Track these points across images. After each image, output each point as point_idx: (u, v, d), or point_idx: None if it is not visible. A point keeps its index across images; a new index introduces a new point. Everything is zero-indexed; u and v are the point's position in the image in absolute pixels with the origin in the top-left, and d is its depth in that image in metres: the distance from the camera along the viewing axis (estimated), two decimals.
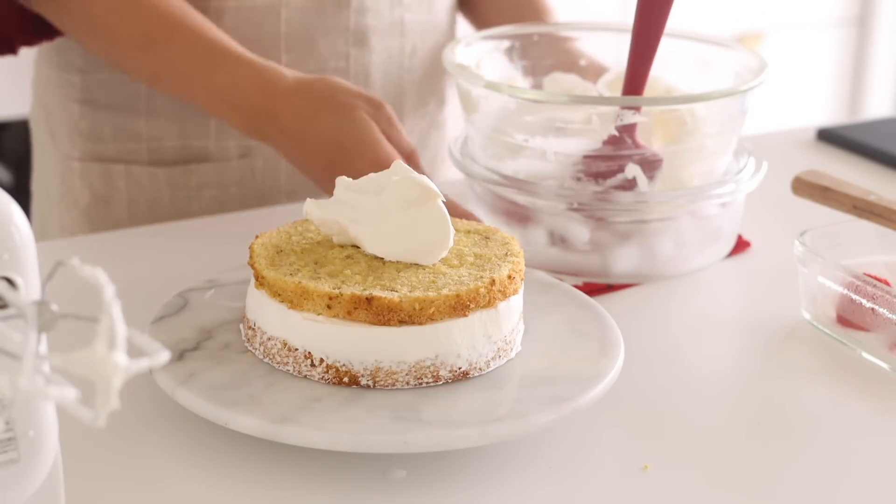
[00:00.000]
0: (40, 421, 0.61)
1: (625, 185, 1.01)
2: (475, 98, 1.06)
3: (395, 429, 0.75)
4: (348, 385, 0.79)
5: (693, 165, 1.02)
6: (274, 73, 1.06)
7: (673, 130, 1.03)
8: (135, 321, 0.69)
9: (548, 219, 1.02)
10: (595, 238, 1.01)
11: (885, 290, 0.90)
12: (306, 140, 1.05)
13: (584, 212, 1.01)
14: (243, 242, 0.95)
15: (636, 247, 1.02)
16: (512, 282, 0.83)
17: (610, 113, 1.00)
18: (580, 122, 1.02)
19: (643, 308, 0.99)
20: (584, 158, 1.01)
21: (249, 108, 1.06)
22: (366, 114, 1.05)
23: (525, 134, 1.03)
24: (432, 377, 0.80)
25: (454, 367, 0.80)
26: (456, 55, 1.08)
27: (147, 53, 1.08)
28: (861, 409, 0.87)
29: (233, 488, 0.75)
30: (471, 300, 0.80)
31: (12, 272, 0.58)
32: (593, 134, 1.01)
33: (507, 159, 1.05)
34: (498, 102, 1.05)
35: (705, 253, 1.05)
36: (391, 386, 0.79)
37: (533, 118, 1.03)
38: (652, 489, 0.76)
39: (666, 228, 1.02)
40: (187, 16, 1.08)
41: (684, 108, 1.02)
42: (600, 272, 1.02)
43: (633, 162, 1.00)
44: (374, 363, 0.79)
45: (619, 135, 1.00)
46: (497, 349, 0.82)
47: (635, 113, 1.00)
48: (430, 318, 0.79)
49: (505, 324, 0.83)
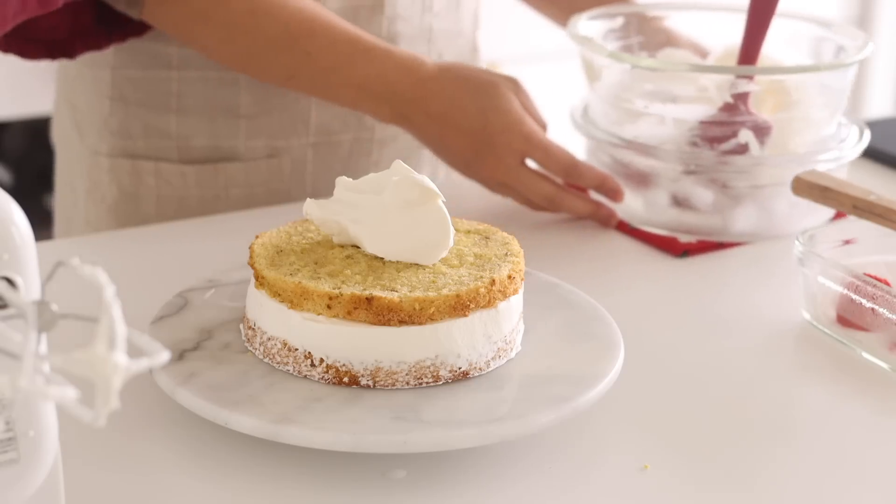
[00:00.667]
0: (40, 421, 0.61)
1: (737, 150, 1.10)
2: (598, 68, 1.16)
3: (395, 429, 0.75)
4: (348, 385, 0.79)
5: (800, 134, 1.12)
6: (416, 60, 1.11)
7: (782, 100, 1.12)
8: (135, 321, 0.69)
9: (668, 181, 1.12)
10: (716, 200, 1.11)
11: (885, 290, 0.90)
12: (453, 120, 1.10)
13: (702, 174, 1.10)
14: (242, 242, 0.95)
15: (753, 208, 1.11)
16: (512, 282, 0.83)
17: (726, 82, 1.10)
18: (697, 89, 1.12)
19: (643, 308, 0.99)
20: (701, 124, 1.11)
21: (396, 96, 1.10)
22: (507, 90, 1.11)
23: (645, 101, 1.13)
24: (432, 377, 0.80)
25: (454, 367, 0.80)
26: (579, 28, 1.18)
27: (287, 52, 1.10)
28: (861, 409, 0.87)
29: (233, 488, 0.75)
30: (471, 300, 0.80)
31: (12, 272, 0.58)
32: (709, 101, 1.11)
33: (627, 125, 1.14)
34: (619, 72, 1.15)
35: (815, 214, 1.14)
36: (391, 386, 0.79)
37: (652, 86, 1.13)
38: (652, 489, 0.76)
39: (779, 192, 1.11)
40: (323, 13, 1.11)
41: (793, 79, 1.12)
42: (720, 232, 1.12)
43: (745, 128, 1.10)
44: (375, 363, 0.79)
45: (733, 102, 1.10)
46: (497, 349, 0.82)
47: (749, 82, 1.09)
48: (430, 318, 0.79)
49: (505, 324, 0.83)
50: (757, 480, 0.77)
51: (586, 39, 1.16)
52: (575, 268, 1.06)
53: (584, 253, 1.10)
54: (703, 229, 1.12)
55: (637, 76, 1.14)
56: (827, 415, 0.86)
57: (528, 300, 0.88)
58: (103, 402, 0.51)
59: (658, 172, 1.12)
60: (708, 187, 1.11)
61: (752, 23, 1.13)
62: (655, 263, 1.10)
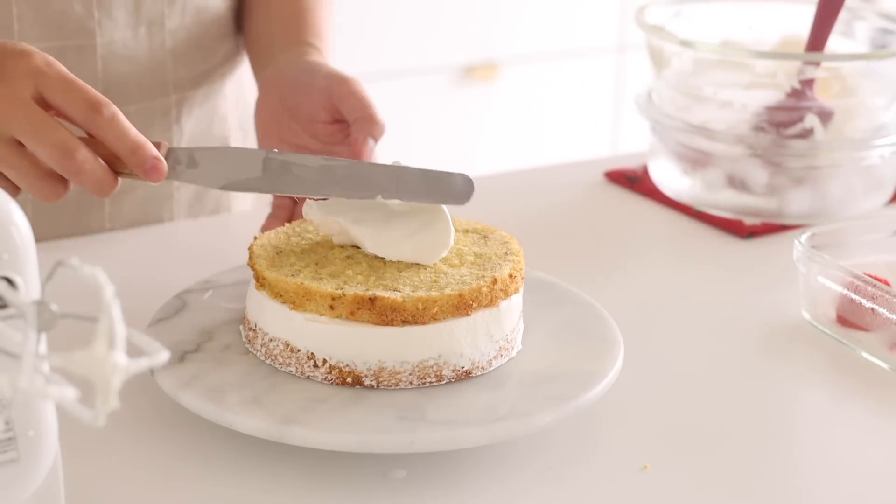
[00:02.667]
0: (40, 421, 0.61)
1: (802, 134, 1.13)
2: (667, 55, 1.19)
3: (400, 429, 0.75)
4: (352, 385, 0.79)
5: (857, 120, 1.15)
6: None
7: (842, 87, 1.16)
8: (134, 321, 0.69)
9: (727, 164, 1.15)
10: (772, 182, 1.14)
11: (885, 290, 0.90)
12: None
13: (763, 157, 1.14)
14: (240, 243, 0.95)
15: (808, 190, 1.14)
16: (513, 280, 0.83)
17: (794, 68, 1.14)
18: (765, 75, 1.15)
19: (643, 308, 0.99)
20: (767, 109, 1.14)
21: None
22: None
23: (714, 87, 1.16)
24: (435, 377, 0.80)
25: (457, 366, 0.80)
26: (647, 17, 1.21)
27: None
28: (861, 409, 0.87)
29: (233, 489, 0.75)
30: (473, 299, 0.80)
31: (12, 272, 0.59)
32: (776, 87, 1.15)
33: (694, 110, 1.17)
34: (688, 58, 1.19)
35: (869, 199, 1.17)
36: (394, 386, 0.79)
37: (721, 72, 1.17)
38: (652, 489, 0.76)
39: (834, 175, 1.15)
40: None
41: (853, 67, 1.16)
42: (776, 213, 1.15)
43: (811, 113, 1.13)
44: (378, 363, 0.79)
45: (800, 88, 1.14)
46: (499, 348, 0.82)
47: (816, 68, 1.13)
48: (433, 317, 0.79)
49: (506, 322, 0.83)
50: (757, 480, 0.77)
51: (657, 28, 1.19)
52: (574, 267, 1.06)
53: (584, 252, 1.10)
54: (759, 211, 1.15)
55: (707, 62, 1.18)
56: (827, 415, 0.86)
57: (526, 299, 0.88)
58: (103, 402, 0.51)
59: (720, 154, 1.15)
60: (763, 168, 1.14)
61: (823, 10, 1.15)
62: (656, 263, 1.11)
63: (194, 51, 1.14)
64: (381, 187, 0.86)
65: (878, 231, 1.01)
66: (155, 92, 1.12)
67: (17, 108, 0.82)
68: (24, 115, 0.82)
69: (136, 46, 1.09)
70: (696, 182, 1.17)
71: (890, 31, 1.25)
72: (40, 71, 0.83)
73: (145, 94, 1.11)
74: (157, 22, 1.10)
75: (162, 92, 1.12)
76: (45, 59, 0.84)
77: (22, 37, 1.04)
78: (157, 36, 1.10)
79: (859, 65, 1.16)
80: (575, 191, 1.24)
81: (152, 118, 1.12)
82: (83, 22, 1.06)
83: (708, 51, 1.16)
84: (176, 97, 1.14)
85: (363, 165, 0.88)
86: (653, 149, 1.22)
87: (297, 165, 0.87)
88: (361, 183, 0.87)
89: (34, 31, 1.04)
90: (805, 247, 0.95)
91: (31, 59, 0.83)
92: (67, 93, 0.83)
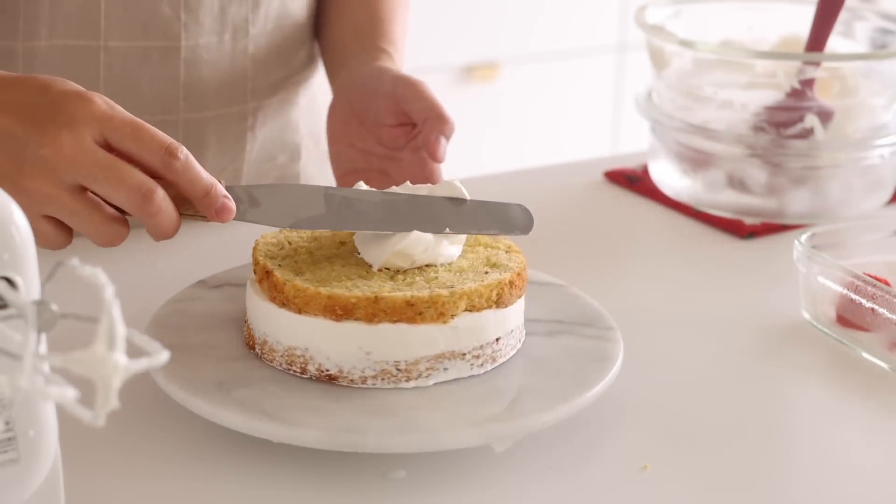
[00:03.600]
0: (40, 421, 0.61)
1: (802, 134, 1.13)
2: (667, 55, 1.20)
3: (400, 429, 0.75)
4: (352, 386, 0.79)
5: (857, 120, 1.15)
6: None
7: (842, 87, 1.16)
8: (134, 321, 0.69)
9: (727, 163, 1.15)
10: (772, 182, 1.14)
11: (885, 290, 0.90)
12: None
13: (763, 157, 1.14)
14: (240, 243, 0.95)
15: (808, 190, 1.14)
16: (517, 280, 0.83)
17: (794, 68, 1.14)
18: (765, 75, 1.15)
19: (643, 308, 0.99)
20: (767, 109, 1.15)
21: None
22: None
23: (714, 87, 1.17)
24: (437, 376, 0.80)
25: (459, 366, 0.80)
26: (647, 17, 1.21)
27: None
28: (861, 409, 0.87)
29: (232, 489, 0.75)
30: (477, 299, 0.80)
31: (12, 272, 0.59)
32: (776, 87, 1.15)
33: (694, 110, 1.18)
34: (688, 58, 1.19)
35: (869, 199, 1.17)
36: (394, 386, 0.79)
37: (721, 72, 1.18)
38: (652, 489, 0.76)
39: (834, 175, 1.15)
40: None
41: (853, 67, 1.16)
42: (776, 213, 1.15)
43: (811, 113, 1.13)
44: (379, 363, 0.79)
45: (800, 88, 1.14)
46: (500, 347, 0.82)
47: (816, 68, 1.14)
48: (437, 317, 0.79)
49: (508, 322, 0.83)
50: (757, 480, 0.77)
51: (657, 28, 1.19)
52: (574, 267, 1.06)
53: (584, 252, 1.10)
54: (759, 211, 1.15)
55: (706, 62, 1.18)
56: (827, 415, 0.86)
57: (527, 299, 0.88)
58: (103, 402, 0.52)
59: (720, 155, 1.15)
60: (763, 168, 1.14)
61: (823, 10, 1.15)
62: (656, 263, 1.11)
63: (274, 57, 1.14)
64: (447, 222, 0.86)
65: (878, 231, 1.01)
66: (233, 99, 1.12)
67: (85, 155, 0.80)
68: (94, 162, 0.80)
69: (219, 52, 1.10)
70: (696, 182, 1.17)
71: (890, 31, 1.25)
72: (106, 115, 0.81)
73: (223, 101, 1.11)
74: (242, 27, 1.10)
75: (240, 99, 1.12)
76: (107, 101, 0.82)
77: (108, 35, 1.05)
78: (241, 42, 1.11)
79: (859, 65, 1.16)
80: (575, 191, 1.24)
81: (228, 125, 1.13)
82: (170, 24, 1.06)
83: (708, 51, 1.16)
84: (253, 105, 1.14)
85: (420, 198, 0.87)
86: (653, 149, 1.22)
87: (359, 200, 0.86)
88: (428, 217, 0.86)
89: (120, 30, 1.05)
90: (805, 247, 0.95)
91: (93, 102, 0.81)
92: (139, 138, 0.81)
